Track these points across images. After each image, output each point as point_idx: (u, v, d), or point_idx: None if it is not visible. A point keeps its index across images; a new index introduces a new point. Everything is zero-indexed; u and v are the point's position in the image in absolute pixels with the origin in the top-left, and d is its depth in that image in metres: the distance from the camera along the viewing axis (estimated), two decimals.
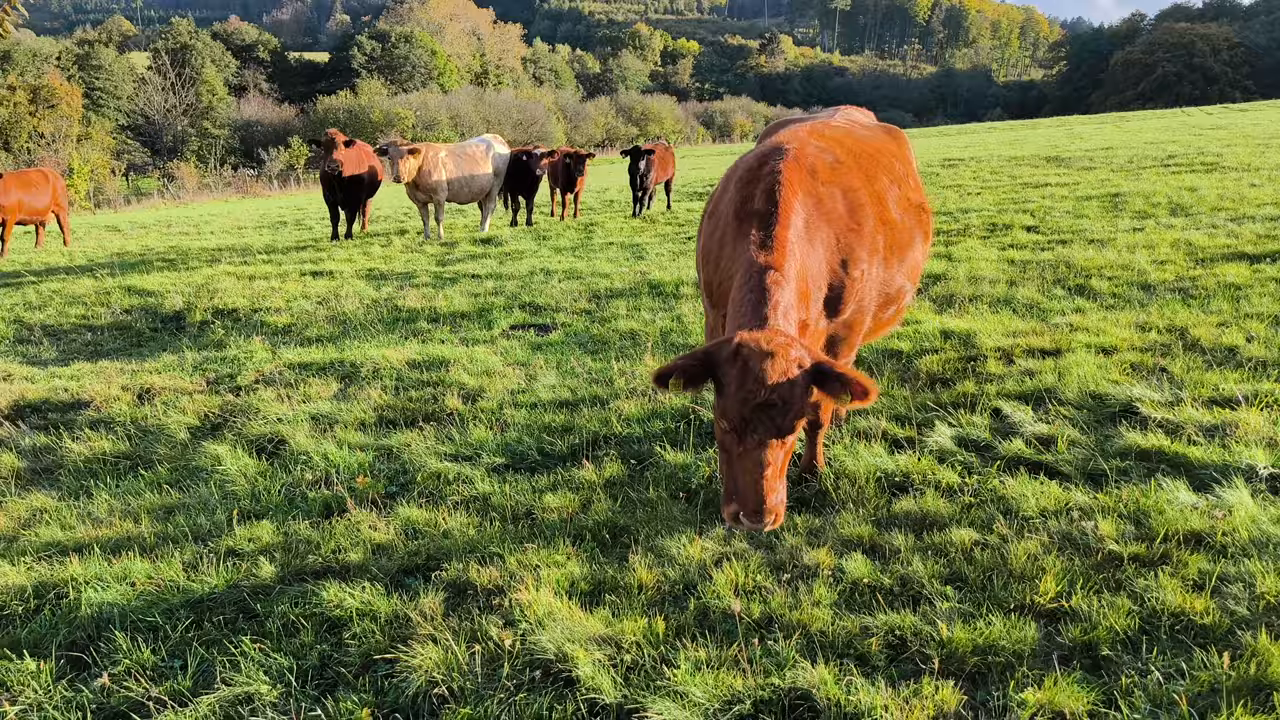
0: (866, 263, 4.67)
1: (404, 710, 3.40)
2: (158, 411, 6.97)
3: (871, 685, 3.30)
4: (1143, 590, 3.76)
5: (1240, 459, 4.79)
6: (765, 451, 3.64)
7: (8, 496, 5.66)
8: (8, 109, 73.33)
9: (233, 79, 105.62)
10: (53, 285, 13.75)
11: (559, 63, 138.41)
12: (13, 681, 3.67)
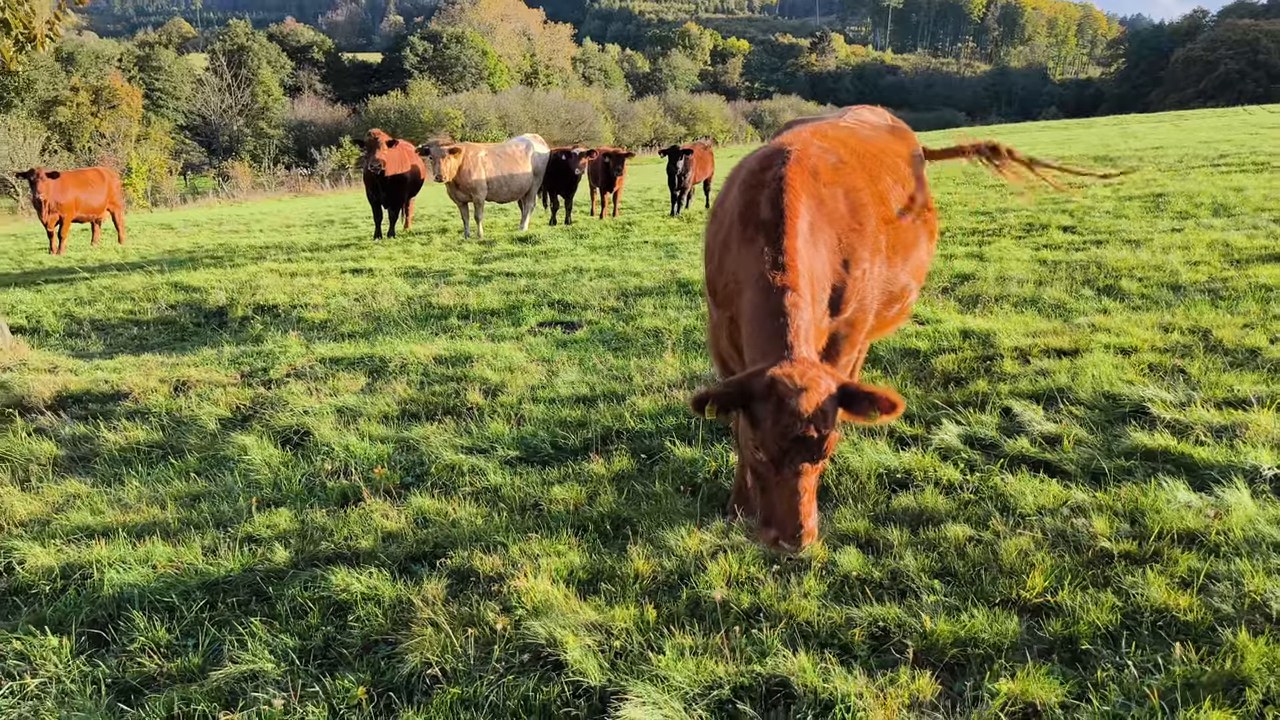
0: (868, 262, 4.71)
1: (398, 689, 3.54)
2: (191, 403, 7.20)
3: (849, 674, 3.38)
4: (1129, 587, 3.79)
5: (1245, 460, 4.77)
6: (801, 480, 3.70)
7: (45, 482, 5.91)
8: (71, 110, 75.18)
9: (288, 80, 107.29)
10: (104, 281, 14.15)
11: (608, 62, 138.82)
12: (35, 656, 3.87)
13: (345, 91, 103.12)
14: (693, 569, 4.22)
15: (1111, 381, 6.01)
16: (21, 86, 79.74)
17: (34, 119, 68.44)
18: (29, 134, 60.20)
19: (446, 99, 78.72)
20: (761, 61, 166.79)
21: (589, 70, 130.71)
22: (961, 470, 5.00)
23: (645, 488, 5.13)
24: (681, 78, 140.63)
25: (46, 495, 5.65)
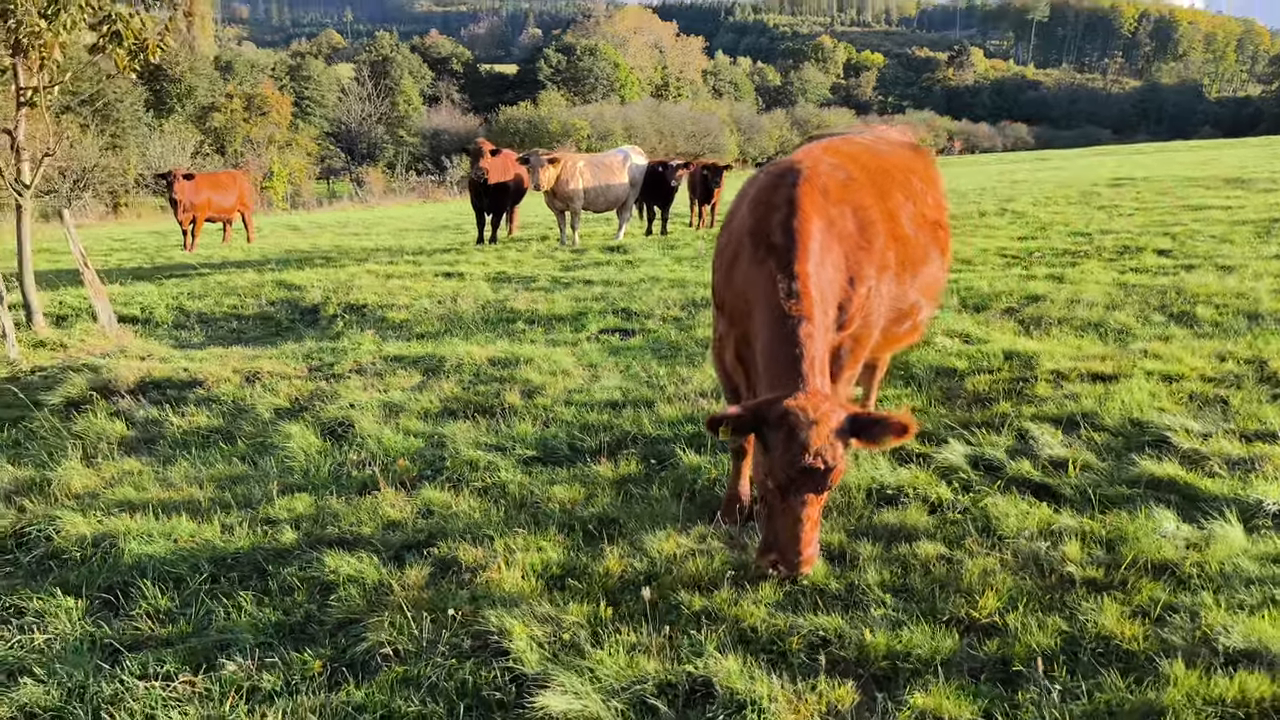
0: (874, 280, 4.74)
1: (352, 665, 3.77)
2: (255, 393, 7.66)
3: (773, 679, 3.44)
4: (1083, 613, 3.73)
5: (1251, 494, 4.61)
6: (806, 509, 3.80)
7: (107, 460, 6.40)
8: (225, 115, 79.35)
9: (427, 89, 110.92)
10: (220, 278, 15.02)
11: (739, 75, 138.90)
12: (49, 613, 4.25)
13: (481, 101, 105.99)
14: (661, 571, 4.33)
15: (1142, 409, 5.85)
16: (183, 93, 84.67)
17: (190, 124, 72.57)
18: (184, 137, 63.87)
19: (574, 110, 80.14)
20: (896, 75, 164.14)
21: (719, 83, 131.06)
22: (954, 490, 4.96)
23: (643, 491, 5.26)
24: (813, 91, 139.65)
25: (104, 471, 6.13)
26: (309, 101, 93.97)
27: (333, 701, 3.50)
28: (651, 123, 77.82)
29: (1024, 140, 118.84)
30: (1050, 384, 6.52)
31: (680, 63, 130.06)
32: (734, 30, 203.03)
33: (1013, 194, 23.03)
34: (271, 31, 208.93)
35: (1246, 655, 3.42)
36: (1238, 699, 3.18)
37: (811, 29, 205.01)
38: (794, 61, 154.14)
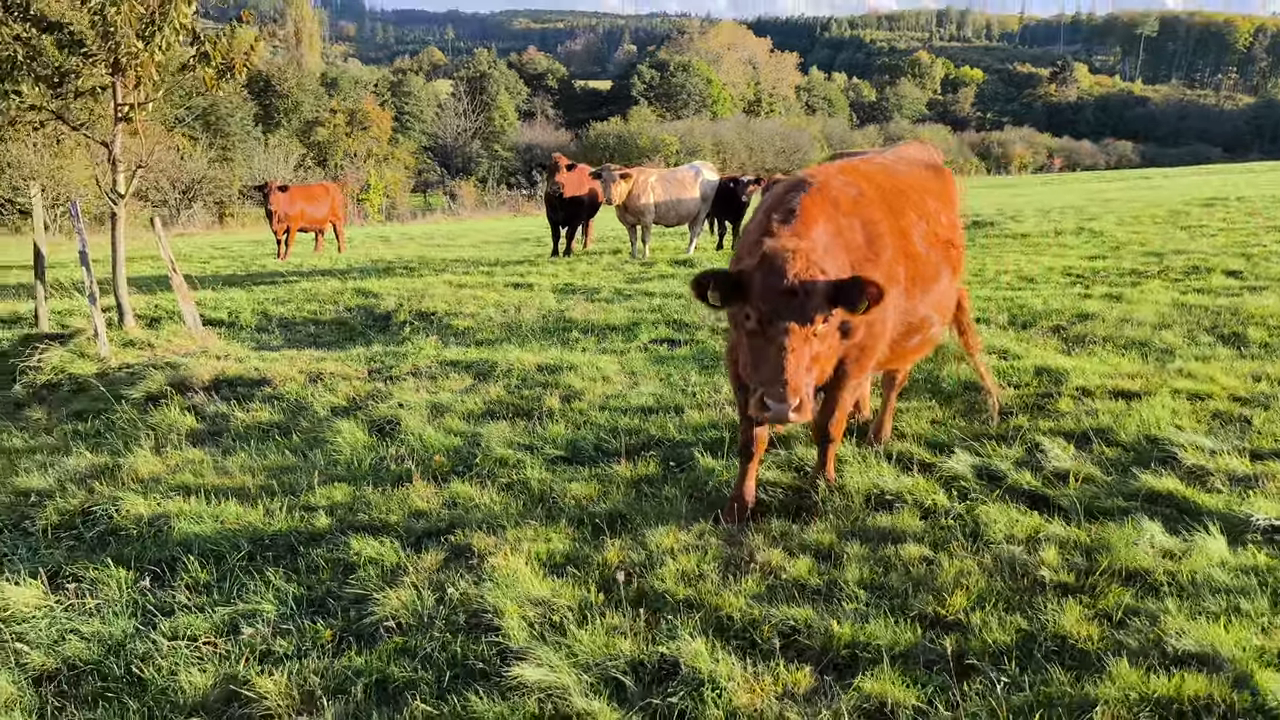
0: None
1: (359, 635, 4.12)
2: (316, 392, 8.15)
3: (735, 661, 3.68)
4: (1045, 613, 3.87)
5: (1244, 509, 4.67)
6: (789, 338, 4.10)
7: (175, 449, 6.92)
8: (328, 130, 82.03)
9: (523, 105, 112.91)
10: (305, 285, 15.74)
11: (833, 91, 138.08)
12: (102, 581, 4.71)
13: (574, 116, 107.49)
14: (657, 563, 4.59)
15: (1159, 425, 5.89)
16: (290, 108, 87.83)
17: (294, 138, 75.24)
18: (289, 151, 66.29)
19: (663, 125, 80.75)
20: (995, 91, 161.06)
21: (812, 99, 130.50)
22: (951, 497, 5.11)
23: (656, 491, 5.52)
24: (909, 107, 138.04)
25: (169, 459, 6.64)
26: (408, 116, 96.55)
27: (335, 665, 3.85)
28: (740, 138, 77.99)
29: (1128, 158, 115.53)
30: (1074, 400, 6.58)
31: (773, 78, 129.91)
32: (830, 46, 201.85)
33: (1098, 213, 22.63)
34: (376, 49, 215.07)
35: (1195, 657, 3.54)
36: (1172, 696, 3.30)
37: (909, 44, 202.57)
38: (890, 77, 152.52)
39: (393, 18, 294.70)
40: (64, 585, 4.72)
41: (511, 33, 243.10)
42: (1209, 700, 3.29)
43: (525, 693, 3.55)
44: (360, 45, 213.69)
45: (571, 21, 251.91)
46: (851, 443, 6.02)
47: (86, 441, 7.37)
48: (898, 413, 6.61)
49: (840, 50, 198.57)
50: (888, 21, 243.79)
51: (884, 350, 5.20)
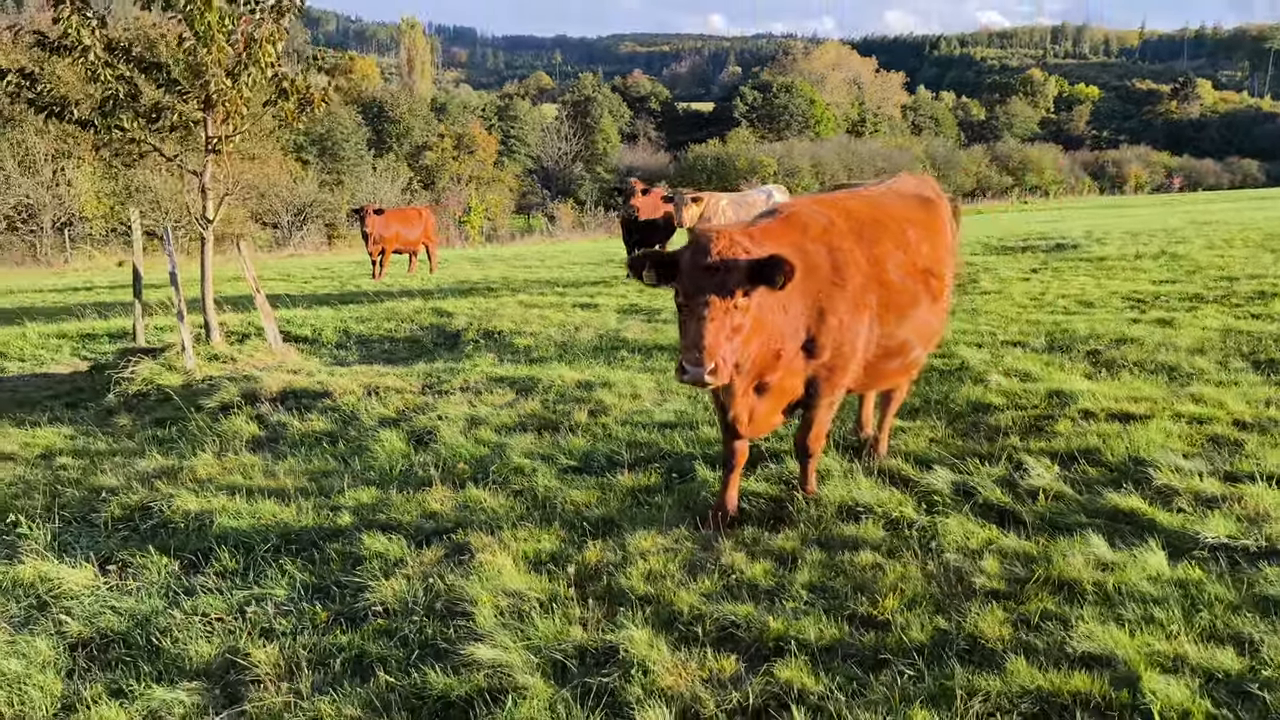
0: (847, 314, 5.27)
1: (351, 617, 4.63)
2: (369, 404, 8.78)
3: (670, 649, 4.05)
4: (966, 616, 4.14)
5: (1196, 527, 4.83)
6: (709, 309, 4.51)
7: (235, 454, 7.60)
8: (436, 154, 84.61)
9: (625, 128, 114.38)
10: (389, 304, 16.59)
11: (941, 110, 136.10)
12: (144, 567, 5.34)
13: (675, 138, 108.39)
14: (630, 563, 4.98)
15: (1147, 448, 6.02)
16: (401, 133, 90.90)
17: (403, 161, 77.85)
18: (397, 174, 68.69)
19: (761, 147, 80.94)
20: (1112, 109, 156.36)
21: (919, 118, 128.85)
22: (919, 511, 5.37)
23: (650, 499, 5.92)
24: (1019, 125, 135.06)
25: (227, 463, 7.31)
26: (514, 140, 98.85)
27: (323, 642, 4.36)
28: (840, 159, 77.64)
29: (1253, 177, 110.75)
30: (1073, 422, 6.73)
31: (878, 98, 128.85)
32: (938, 64, 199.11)
33: (1190, 235, 22.12)
34: (486, 74, 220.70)
35: (1093, 658, 3.77)
36: (1055, 690, 3.57)
37: (1022, 61, 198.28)
38: (1000, 95, 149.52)
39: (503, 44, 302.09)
40: (108, 569, 5.36)
41: (617, 56, 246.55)
42: (1088, 696, 3.54)
43: (476, 669, 4.00)
44: (472, 71, 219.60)
45: (677, 44, 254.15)
46: (842, 458, 6.30)
47: (160, 446, 8.12)
48: (900, 431, 6.87)
49: (949, 69, 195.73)
50: (999, 39, 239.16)
51: (857, 371, 5.50)
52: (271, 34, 11.02)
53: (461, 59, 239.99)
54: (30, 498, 6.80)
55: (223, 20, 10.68)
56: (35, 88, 10.69)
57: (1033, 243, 23.52)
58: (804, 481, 5.74)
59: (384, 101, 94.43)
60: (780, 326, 5.02)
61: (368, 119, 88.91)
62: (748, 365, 4.91)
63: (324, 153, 78.67)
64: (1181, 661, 3.73)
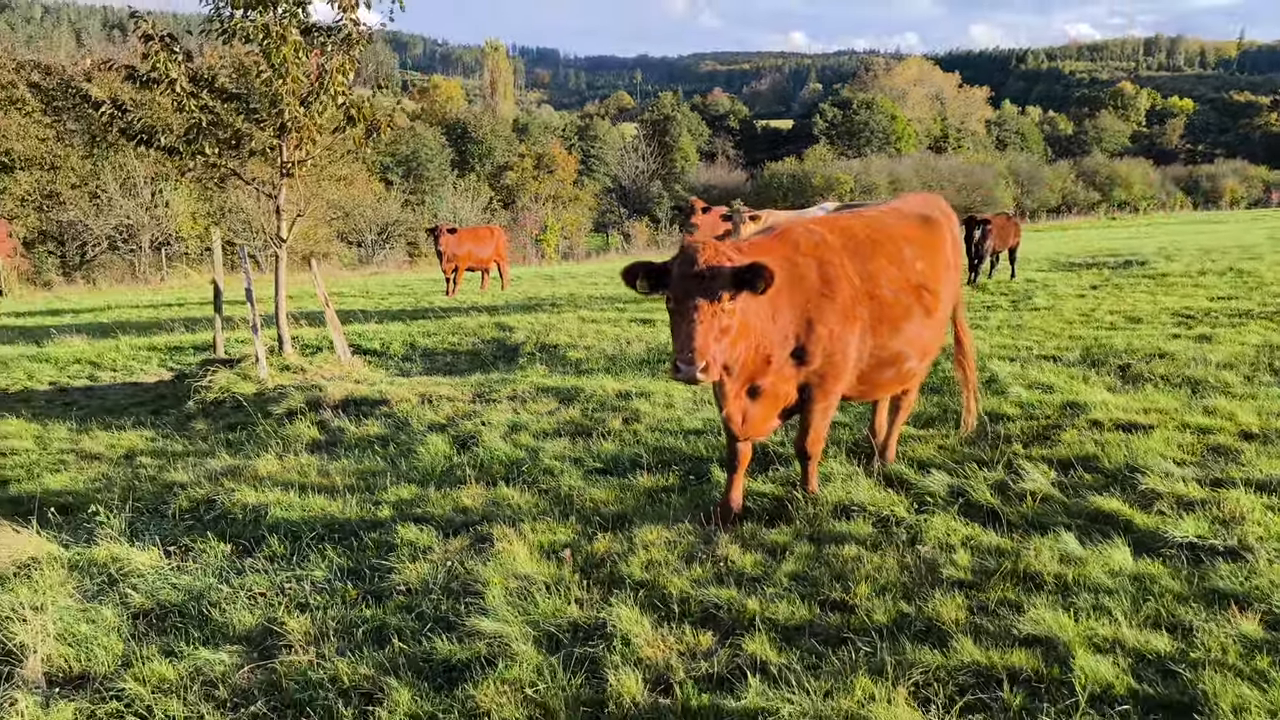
0: (836, 325, 5.65)
1: (377, 595, 5.14)
2: (422, 411, 9.36)
3: (653, 625, 4.47)
4: (928, 602, 4.48)
5: (1168, 528, 5.08)
6: (698, 313, 4.92)
7: (295, 455, 8.23)
8: (517, 174, 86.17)
9: (704, 146, 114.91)
10: (457, 319, 17.31)
11: (1027, 125, 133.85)
12: (204, 551, 5.94)
13: (754, 156, 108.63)
14: (633, 552, 5.42)
15: (1145, 456, 6.25)
16: (484, 153, 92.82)
17: (484, 181, 79.53)
18: (478, 193, 70.22)
19: (836, 163, 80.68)
20: (1207, 122, 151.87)
21: (1003, 133, 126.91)
22: (910, 510, 5.70)
23: (665, 498, 6.34)
24: (1109, 140, 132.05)
25: (286, 463, 7.94)
26: (593, 159, 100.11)
27: (349, 614, 4.88)
28: (919, 175, 76.97)
29: None
30: (1080, 431, 6.96)
31: (961, 113, 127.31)
32: (1024, 79, 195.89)
33: (1265, 252, 21.75)
34: (568, 95, 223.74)
35: (1035, 639, 4.10)
36: (991, 664, 3.90)
37: (1112, 74, 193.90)
38: (1089, 109, 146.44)
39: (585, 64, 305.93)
40: (171, 553, 5.98)
41: (698, 75, 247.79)
42: (1020, 670, 3.86)
43: (478, 638, 4.47)
44: (554, 91, 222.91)
45: (757, 62, 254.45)
46: (850, 462, 6.64)
47: (229, 448, 8.82)
48: (913, 438, 7.18)
49: (1036, 83, 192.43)
50: (1089, 51, 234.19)
51: (850, 379, 5.86)
52: (341, 65, 11.78)
53: (544, 80, 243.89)
54: (110, 492, 7.51)
55: (297, 53, 11.47)
56: (126, 117, 11.61)
57: (1102, 259, 23.34)
58: (806, 482, 6.11)
59: (467, 123, 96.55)
60: (769, 333, 5.42)
61: (451, 140, 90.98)
62: (737, 368, 5.32)
63: (409, 173, 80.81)
64: (1118, 644, 4.03)
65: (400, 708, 3.96)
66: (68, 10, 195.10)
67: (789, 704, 3.74)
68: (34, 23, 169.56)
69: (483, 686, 4.04)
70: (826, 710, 3.70)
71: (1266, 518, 5.21)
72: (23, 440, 9.67)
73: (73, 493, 7.67)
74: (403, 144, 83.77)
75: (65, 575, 5.57)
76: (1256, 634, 4.07)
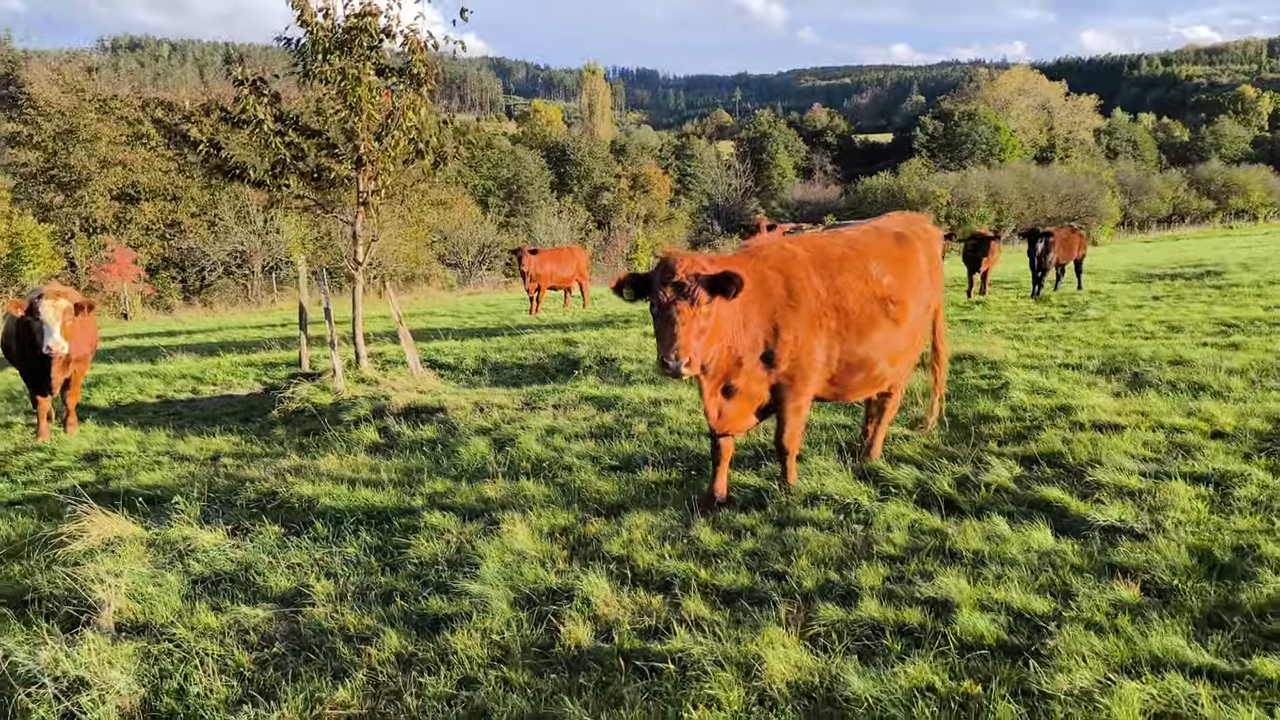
0: (802, 332, 6.31)
1: (392, 566, 5.99)
2: (473, 417, 10.26)
3: (612, 589, 5.20)
4: (855, 572, 5.11)
5: (1096, 513, 5.60)
6: (679, 315, 5.66)
7: (354, 455, 9.20)
8: (613, 195, 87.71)
9: (801, 162, 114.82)
10: (531, 335, 18.29)
11: (1139, 132, 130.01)
12: (262, 535, 6.89)
13: (852, 171, 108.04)
14: (618, 534, 6.15)
15: (1107, 452, 6.71)
16: (582, 175, 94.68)
17: (580, 203, 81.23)
18: (574, 214, 71.80)
19: (932, 177, 79.84)
20: None
21: (1115, 142, 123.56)
22: (871, 499, 6.30)
23: (664, 490, 7.06)
24: (1228, 146, 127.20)
25: (345, 461, 8.91)
26: (690, 178, 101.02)
27: (367, 580, 5.74)
28: (1019, 186, 75.65)
29: None
30: (1059, 431, 7.43)
31: (1069, 122, 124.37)
32: (1138, 85, 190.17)
33: None
34: (668, 114, 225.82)
35: (933, 600, 4.70)
36: (885, 619, 4.53)
37: (1233, 78, 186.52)
38: (1206, 115, 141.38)
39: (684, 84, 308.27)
40: (234, 533, 6.95)
41: (797, 91, 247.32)
42: (907, 624, 4.49)
43: (465, 598, 5.27)
44: (654, 111, 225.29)
45: (858, 76, 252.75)
46: (836, 459, 7.25)
47: (300, 450, 9.85)
48: (903, 438, 7.74)
49: (1150, 89, 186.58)
50: (1207, 55, 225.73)
51: (820, 382, 6.51)
52: (411, 102, 12.85)
53: (644, 100, 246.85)
54: (192, 486, 8.57)
55: (370, 92, 12.58)
56: (220, 155, 12.90)
57: (1182, 270, 23.17)
58: (785, 474, 6.76)
59: (566, 145, 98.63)
60: (739, 337, 6.12)
61: (551, 162, 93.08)
62: (713, 367, 6.03)
63: (510, 195, 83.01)
64: (1004, 605, 4.61)
65: (388, 647, 4.79)
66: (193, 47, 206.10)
67: (701, 646, 4.43)
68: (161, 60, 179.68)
69: (459, 633, 4.84)
70: (731, 651, 4.38)
71: (1191, 505, 5.68)
72: (126, 445, 10.89)
73: (161, 487, 8.74)
74: (504, 167, 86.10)
75: (143, 550, 6.57)
76: (1132, 598, 4.59)
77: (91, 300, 11.61)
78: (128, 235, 45.94)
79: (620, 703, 4.09)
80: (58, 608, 5.58)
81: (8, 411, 13.78)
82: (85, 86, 47.99)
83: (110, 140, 46.56)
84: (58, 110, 45.80)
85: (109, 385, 15.72)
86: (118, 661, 4.78)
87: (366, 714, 4.26)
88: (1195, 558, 4.98)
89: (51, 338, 10.45)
